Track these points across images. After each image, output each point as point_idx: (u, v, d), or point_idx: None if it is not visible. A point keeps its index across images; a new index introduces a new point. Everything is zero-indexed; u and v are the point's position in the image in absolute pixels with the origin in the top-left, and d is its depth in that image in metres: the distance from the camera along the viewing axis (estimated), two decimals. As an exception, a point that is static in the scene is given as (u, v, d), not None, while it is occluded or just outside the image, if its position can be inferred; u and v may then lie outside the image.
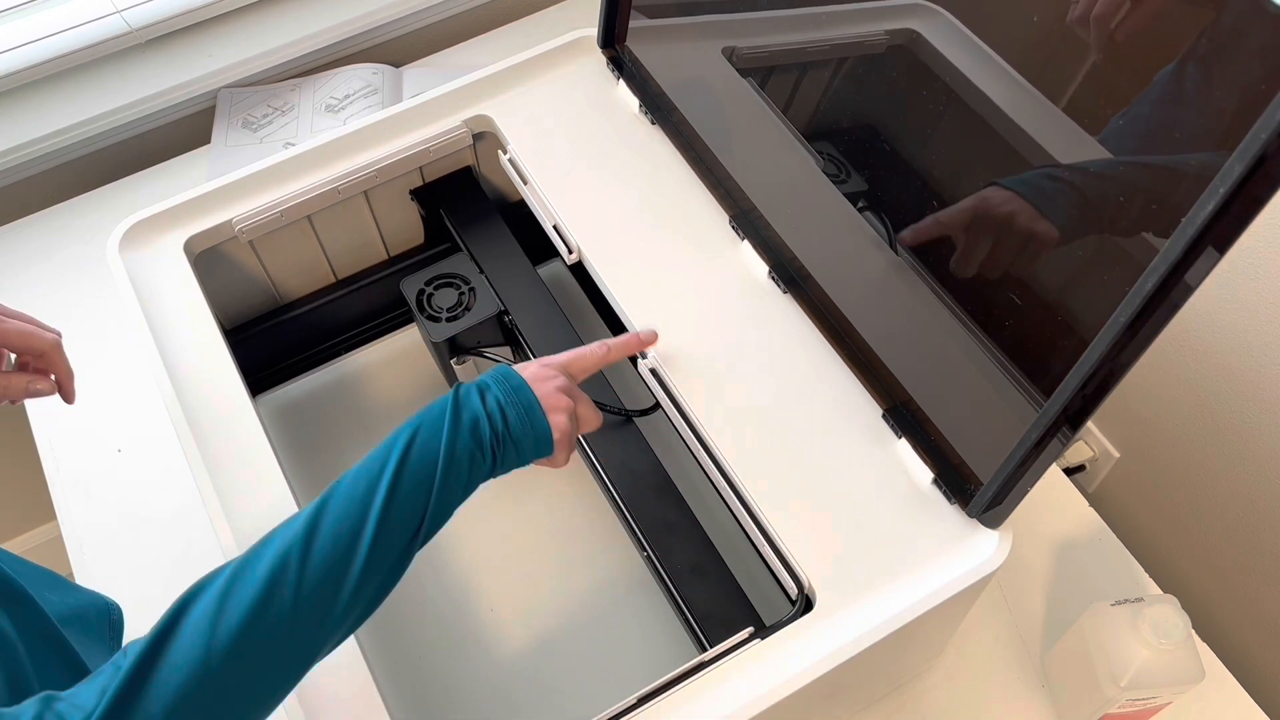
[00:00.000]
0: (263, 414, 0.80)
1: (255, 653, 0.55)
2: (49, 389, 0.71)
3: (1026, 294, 0.64)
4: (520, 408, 0.67)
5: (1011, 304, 0.65)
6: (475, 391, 0.66)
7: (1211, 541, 1.09)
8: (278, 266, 0.96)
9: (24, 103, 1.15)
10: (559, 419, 0.68)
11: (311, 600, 0.56)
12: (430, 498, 0.62)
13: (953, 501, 0.71)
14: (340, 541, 0.58)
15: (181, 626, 0.54)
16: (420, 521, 0.61)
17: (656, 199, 0.87)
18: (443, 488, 0.62)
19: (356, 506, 0.60)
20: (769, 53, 0.82)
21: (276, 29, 1.22)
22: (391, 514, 0.60)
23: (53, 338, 0.70)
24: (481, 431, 0.65)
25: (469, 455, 0.64)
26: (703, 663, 0.66)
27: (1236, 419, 0.99)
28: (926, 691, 0.84)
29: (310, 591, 0.57)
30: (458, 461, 0.63)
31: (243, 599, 0.55)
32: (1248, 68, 0.48)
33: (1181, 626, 0.69)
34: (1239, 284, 0.93)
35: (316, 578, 0.57)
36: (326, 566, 0.57)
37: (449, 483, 0.63)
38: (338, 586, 0.58)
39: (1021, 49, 0.60)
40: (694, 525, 0.80)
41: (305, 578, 0.57)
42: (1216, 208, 0.48)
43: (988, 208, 0.64)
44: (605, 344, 0.75)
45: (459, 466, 0.63)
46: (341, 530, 0.59)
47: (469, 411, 0.65)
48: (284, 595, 0.56)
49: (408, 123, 0.93)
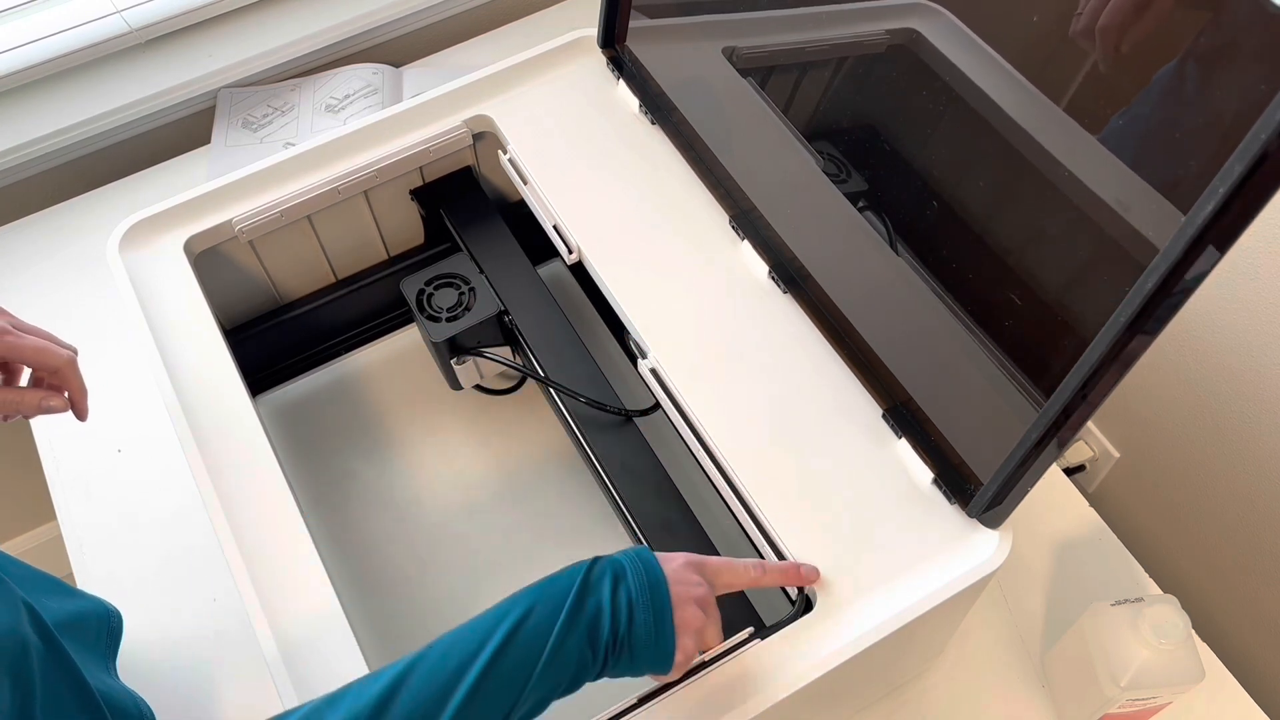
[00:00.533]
0: (263, 414, 0.80)
1: None
2: (61, 406, 0.70)
3: (1026, 294, 0.64)
4: (652, 612, 0.59)
5: (1011, 304, 0.65)
6: (609, 576, 0.59)
7: (1211, 541, 1.09)
8: (278, 266, 0.96)
9: (24, 103, 1.15)
10: (687, 642, 0.60)
11: None
12: (524, 690, 0.56)
13: (953, 501, 0.71)
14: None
15: None
16: (508, 713, 0.56)
17: (656, 199, 0.87)
18: (540, 682, 0.56)
19: (441, 682, 0.54)
20: (769, 53, 0.82)
21: (276, 29, 1.22)
22: (477, 701, 0.54)
23: (68, 355, 0.69)
24: (600, 630, 0.57)
25: (578, 654, 0.57)
26: (703, 663, 0.66)
27: (1236, 419, 0.99)
28: (926, 691, 0.84)
29: None
30: (564, 657, 0.57)
31: None
32: (1248, 68, 0.48)
33: (1181, 626, 0.69)
34: (1239, 284, 0.93)
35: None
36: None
37: (548, 676, 0.56)
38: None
39: (1021, 49, 0.60)
40: (694, 525, 0.80)
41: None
42: (1216, 208, 0.48)
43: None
44: (762, 565, 0.67)
45: (564, 662, 0.57)
46: (417, 707, 0.53)
47: (594, 600, 0.58)
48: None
49: (408, 123, 0.93)
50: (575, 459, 0.96)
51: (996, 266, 0.66)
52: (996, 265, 0.66)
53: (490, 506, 0.95)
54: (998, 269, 0.66)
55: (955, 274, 0.69)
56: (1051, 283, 0.62)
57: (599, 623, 0.58)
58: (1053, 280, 0.62)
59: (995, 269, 0.66)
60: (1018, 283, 0.65)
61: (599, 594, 0.58)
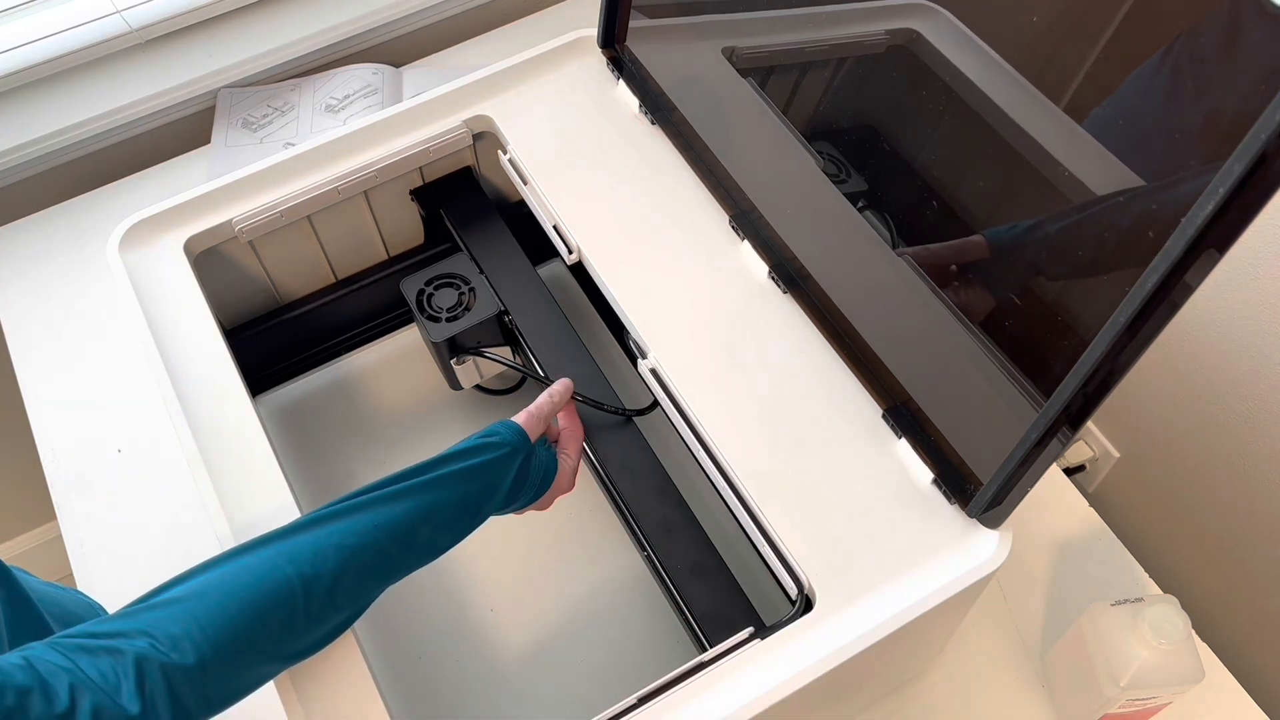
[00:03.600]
0: (263, 414, 0.80)
1: None
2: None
3: (1026, 294, 0.64)
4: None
5: (1011, 304, 0.65)
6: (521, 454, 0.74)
7: (1211, 541, 1.09)
8: (278, 266, 0.96)
9: (24, 103, 1.15)
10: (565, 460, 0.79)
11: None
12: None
13: (953, 501, 0.71)
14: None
15: None
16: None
17: (656, 199, 0.87)
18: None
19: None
20: (769, 53, 0.82)
21: (276, 29, 1.22)
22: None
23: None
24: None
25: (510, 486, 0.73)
26: (703, 663, 0.66)
27: (1236, 419, 0.99)
28: (926, 691, 0.84)
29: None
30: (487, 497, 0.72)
31: None
32: (1247, 68, 0.48)
33: (1181, 626, 0.69)
34: (1239, 284, 0.93)
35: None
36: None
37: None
38: None
39: (1021, 49, 0.60)
40: (694, 525, 0.80)
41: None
42: (1216, 208, 0.48)
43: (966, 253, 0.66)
44: (549, 393, 0.81)
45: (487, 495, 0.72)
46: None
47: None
48: None
49: (408, 123, 0.93)
50: (575, 459, 0.96)
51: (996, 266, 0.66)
52: (996, 265, 0.66)
53: (490, 506, 0.95)
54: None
55: (955, 274, 0.69)
56: (1051, 283, 0.62)
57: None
58: (1053, 280, 0.62)
59: (995, 269, 0.66)
60: (1018, 282, 0.65)
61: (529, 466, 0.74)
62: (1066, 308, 0.61)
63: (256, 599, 0.59)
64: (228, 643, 0.57)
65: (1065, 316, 0.61)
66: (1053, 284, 0.62)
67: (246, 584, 0.59)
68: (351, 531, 0.63)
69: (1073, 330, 0.59)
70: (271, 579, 0.60)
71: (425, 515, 0.66)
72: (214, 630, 0.57)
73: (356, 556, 0.63)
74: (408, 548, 0.66)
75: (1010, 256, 0.65)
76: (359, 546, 0.63)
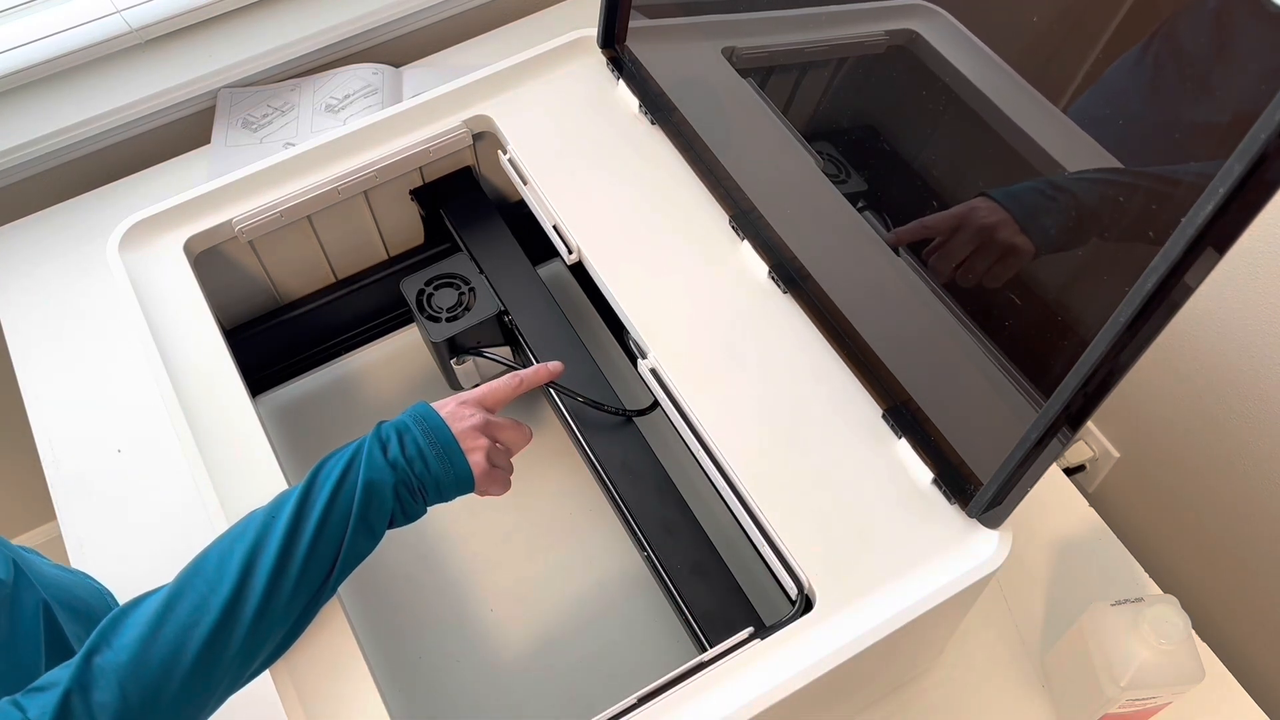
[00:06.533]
0: (263, 414, 0.80)
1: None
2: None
3: (1026, 294, 0.64)
4: (438, 449, 0.69)
5: (1011, 304, 0.65)
6: (394, 436, 0.69)
7: (1211, 541, 1.09)
8: (278, 266, 0.96)
9: (24, 103, 1.15)
10: (478, 459, 0.71)
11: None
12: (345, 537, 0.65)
13: (953, 501, 0.71)
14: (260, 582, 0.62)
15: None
16: (334, 561, 0.65)
17: (656, 199, 0.87)
18: (358, 528, 0.66)
19: (279, 543, 0.63)
20: (769, 53, 0.82)
21: (276, 29, 1.22)
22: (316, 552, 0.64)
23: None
24: (407, 481, 0.68)
25: (391, 503, 0.67)
26: (703, 663, 0.66)
27: (1236, 419, 0.99)
28: (926, 691, 0.84)
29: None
30: (377, 509, 0.67)
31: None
32: (1247, 68, 0.48)
33: (1181, 626, 0.69)
34: (1239, 284, 0.93)
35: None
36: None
37: (362, 530, 0.66)
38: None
39: (1021, 50, 0.60)
40: (694, 525, 0.80)
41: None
42: (1216, 208, 0.48)
43: (975, 219, 0.64)
44: (517, 375, 0.78)
45: (380, 511, 0.67)
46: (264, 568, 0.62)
47: (393, 452, 0.68)
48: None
49: (408, 123, 0.93)
50: (575, 459, 0.96)
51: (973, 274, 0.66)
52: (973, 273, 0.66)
53: (489, 506, 0.95)
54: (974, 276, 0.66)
55: (936, 272, 0.69)
56: (1051, 282, 0.62)
57: (399, 473, 0.67)
58: (1052, 280, 0.62)
59: (972, 276, 0.66)
60: (1017, 282, 0.65)
61: (392, 449, 0.68)
62: (1066, 308, 0.61)
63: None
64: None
65: (1065, 316, 0.61)
66: (1053, 284, 0.62)
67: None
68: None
69: (1073, 330, 0.59)
70: None
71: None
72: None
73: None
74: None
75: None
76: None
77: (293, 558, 0.62)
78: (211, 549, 0.64)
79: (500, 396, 0.75)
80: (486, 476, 0.72)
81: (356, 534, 0.65)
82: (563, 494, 0.96)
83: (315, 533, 0.63)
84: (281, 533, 0.63)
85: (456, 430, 0.70)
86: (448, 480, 0.70)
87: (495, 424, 0.73)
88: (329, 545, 0.64)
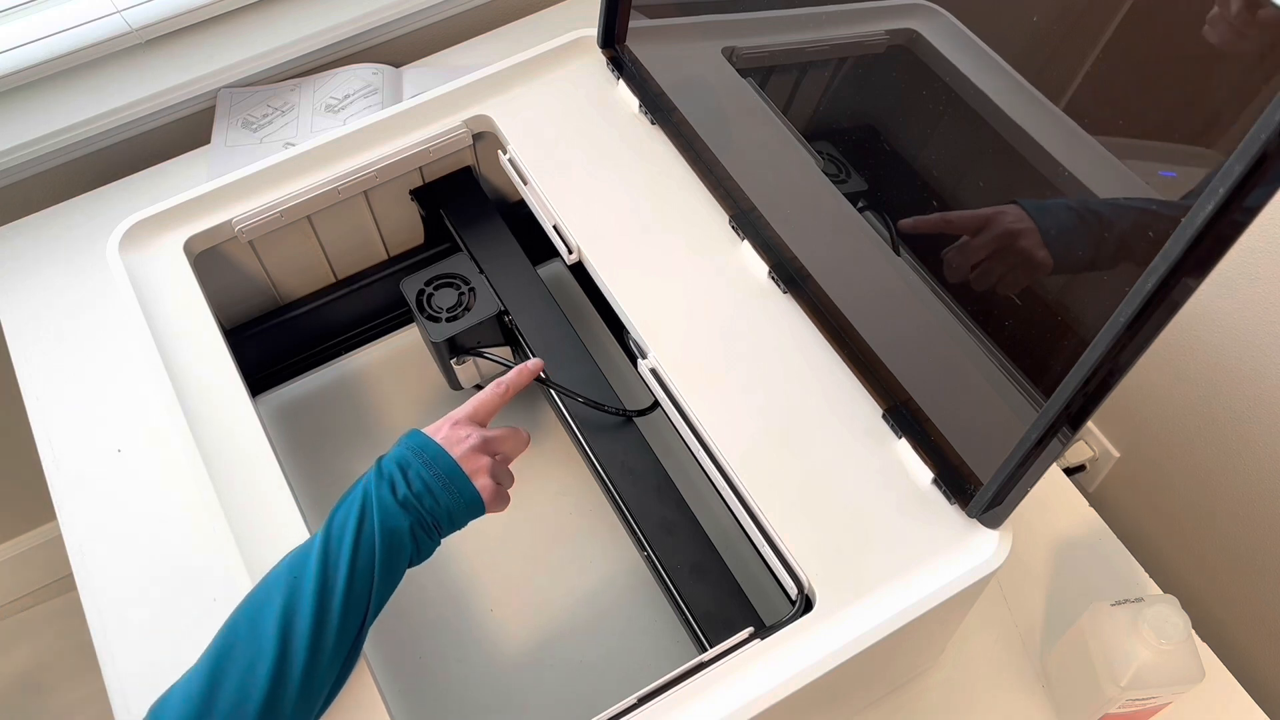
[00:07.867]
0: (263, 414, 0.80)
1: None
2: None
3: (1027, 294, 0.64)
4: (443, 481, 0.68)
5: (1011, 304, 0.65)
6: (398, 472, 0.68)
7: (1211, 541, 1.09)
8: (278, 266, 0.96)
9: (24, 103, 1.15)
10: (484, 481, 0.70)
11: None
12: (371, 594, 0.65)
13: (953, 501, 0.71)
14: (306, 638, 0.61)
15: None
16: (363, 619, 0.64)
17: (656, 199, 0.87)
18: (383, 578, 0.65)
19: (311, 605, 0.62)
20: (769, 53, 0.82)
21: (276, 29, 1.22)
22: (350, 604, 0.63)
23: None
24: (421, 519, 0.67)
25: (410, 543, 0.67)
26: (703, 663, 0.66)
27: (1236, 419, 0.99)
28: (926, 691, 0.84)
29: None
30: (395, 555, 0.66)
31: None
32: (1247, 68, 0.47)
33: (1181, 626, 0.69)
34: (1239, 284, 0.93)
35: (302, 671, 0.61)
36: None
37: (387, 574, 0.66)
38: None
39: (1021, 49, 0.60)
40: (694, 525, 0.80)
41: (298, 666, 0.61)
42: (1216, 208, 0.48)
43: (1001, 223, 0.64)
44: (501, 383, 0.77)
45: (398, 553, 0.66)
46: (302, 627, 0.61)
47: (402, 491, 0.67)
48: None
49: (408, 123, 0.93)
50: (575, 459, 0.96)
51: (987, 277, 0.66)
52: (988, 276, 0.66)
53: (490, 506, 0.95)
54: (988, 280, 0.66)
55: (948, 271, 0.69)
56: (1051, 282, 0.62)
57: (411, 514, 0.66)
58: (1053, 280, 0.62)
59: (985, 280, 0.66)
60: (1016, 284, 0.64)
61: (400, 489, 0.67)
62: (1066, 308, 0.61)
63: None
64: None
65: (1065, 316, 0.61)
66: (1053, 284, 0.62)
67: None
68: None
69: (1073, 330, 0.59)
70: None
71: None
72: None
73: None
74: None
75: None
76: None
77: (328, 620, 0.62)
78: (238, 621, 0.63)
79: (490, 408, 0.75)
80: (496, 497, 0.71)
81: (382, 583, 0.65)
82: (563, 494, 0.96)
83: (346, 589, 0.62)
84: (312, 595, 0.62)
85: (456, 455, 0.69)
86: (459, 509, 0.69)
87: (492, 438, 0.73)
88: (359, 599, 0.63)
